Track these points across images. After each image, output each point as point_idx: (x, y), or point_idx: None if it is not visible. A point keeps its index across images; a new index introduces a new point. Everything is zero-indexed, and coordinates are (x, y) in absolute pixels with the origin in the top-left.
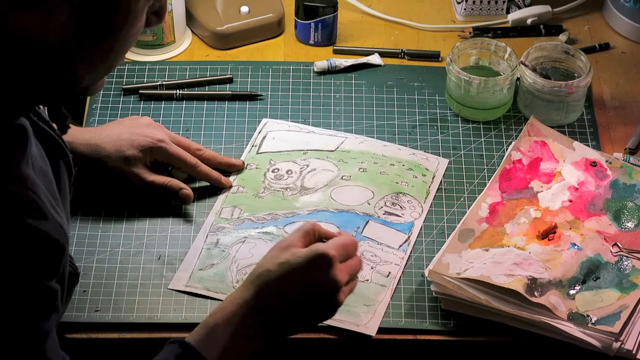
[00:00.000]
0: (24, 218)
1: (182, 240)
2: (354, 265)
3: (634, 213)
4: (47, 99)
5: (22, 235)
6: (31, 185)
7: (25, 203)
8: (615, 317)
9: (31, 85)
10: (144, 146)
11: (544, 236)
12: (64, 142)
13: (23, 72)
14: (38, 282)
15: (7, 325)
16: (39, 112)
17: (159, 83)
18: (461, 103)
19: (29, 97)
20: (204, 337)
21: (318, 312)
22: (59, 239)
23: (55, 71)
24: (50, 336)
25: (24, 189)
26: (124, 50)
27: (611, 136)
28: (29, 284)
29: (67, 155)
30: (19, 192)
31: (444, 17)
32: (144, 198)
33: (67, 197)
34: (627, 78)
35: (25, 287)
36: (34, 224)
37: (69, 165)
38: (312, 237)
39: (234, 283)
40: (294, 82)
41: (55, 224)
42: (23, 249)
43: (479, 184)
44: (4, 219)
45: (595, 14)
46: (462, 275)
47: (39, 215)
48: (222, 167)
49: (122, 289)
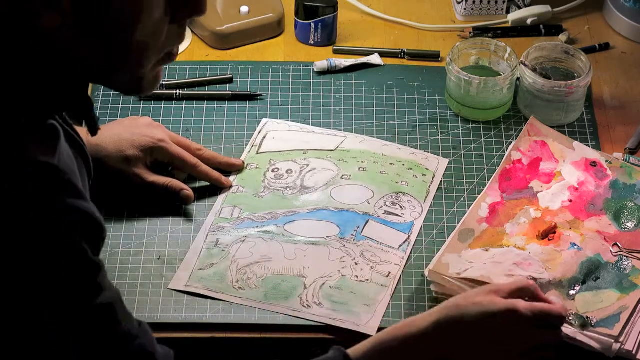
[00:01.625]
0: (63, 197)
1: (182, 240)
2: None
3: (634, 213)
4: (77, 100)
5: (64, 212)
6: (67, 171)
7: (61, 183)
8: (615, 318)
9: (61, 85)
10: (145, 146)
11: (544, 236)
12: (84, 144)
13: (50, 73)
14: (84, 257)
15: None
16: (63, 115)
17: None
18: (461, 103)
19: (59, 98)
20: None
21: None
22: (98, 219)
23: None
24: (116, 307)
25: (58, 171)
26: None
27: (611, 136)
28: (76, 259)
29: (87, 157)
30: (54, 174)
31: (444, 17)
32: (144, 198)
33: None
34: (627, 78)
35: (73, 262)
36: (73, 202)
37: (89, 167)
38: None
39: (234, 283)
40: (294, 82)
41: (94, 207)
42: (66, 227)
43: (479, 184)
44: (42, 199)
45: (595, 14)
46: (462, 275)
47: (79, 195)
48: (222, 167)
49: (122, 289)
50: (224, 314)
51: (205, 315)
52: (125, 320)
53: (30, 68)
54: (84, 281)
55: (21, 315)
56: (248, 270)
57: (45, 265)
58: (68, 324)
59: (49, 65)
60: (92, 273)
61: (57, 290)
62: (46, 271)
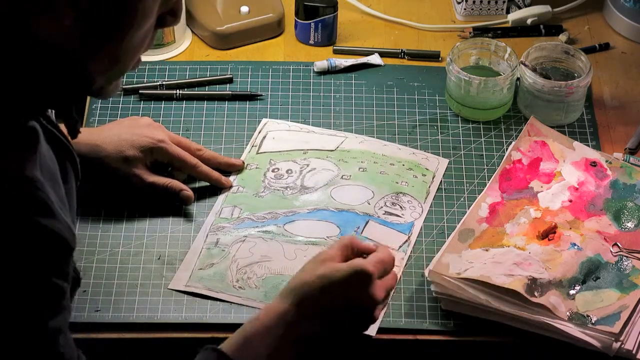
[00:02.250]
0: (34, 216)
1: (182, 240)
2: (390, 282)
3: (634, 213)
4: (58, 102)
5: (32, 233)
6: (40, 185)
7: (34, 202)
8: (615, 317)
9: (42, 87)
10: (144, 146)
11: (544, 236)
12: (71, 145)
13: (34, 75)
14: (47, 278)
15: (19, 323)
16: (47, 115)
17: (159, 83)
18: (461, 103)
19: (40, 100)
20: (240, 346)
21: (353, 327)
22: (67, 238)
23: (66, 74)
24: (63, 333)
25: (34, 188)
26: (134, 51)
27: (611, 136)
28: (38, 280)
29: (74, 159)
30: (28, 192)
31: (444, 17)
32: (144, 198)
33: (74, 199)
34: (627, 78)
35: (34, 283)
36: (44, 222)
37: (76, 168)
38: (350, 250)
39: (234, 282)
40: (294, 82)
41: (64, 223)
42: (32, 247)
43: (479, 184)
44: (13, 217)
45: (595, 14)
46: (462, 275)
47: (49, 213)
48: (222, 167)
49: (122, 289)
50: (224, 314)
51: (205, 315)
52: (67, 348)
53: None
54: (40, 302)
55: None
56: (248, 270)
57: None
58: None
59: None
60: (51, 295)
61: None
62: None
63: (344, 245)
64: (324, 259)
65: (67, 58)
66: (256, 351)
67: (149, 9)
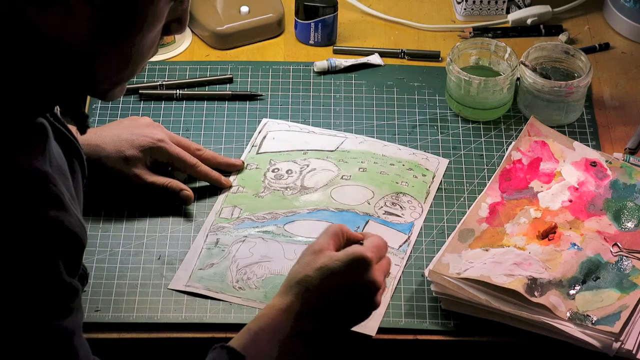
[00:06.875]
0: (47, 210)
1: (182, 240)
2: (386, 266)
3: (634, 213)
4: (67, 99)
5: (45, 226)
6: (52, 179)
7: (47, 195)
8: (615, 317)
9: (51, 85)
10: (144, 146)
11: (544, 236)
12: (78, 143)
13: (43, 72)
14: (60, 276)
15: (30, 322)
16: (55, 112)
17: (158, 83)
18: (461, 103)
19: (48, 97)
20: (248, 342)
21: (357, 314)
22: (79, 234)
23: (75, 72)
24: (77, 335)
25: (46, 182)
26: (143, 54)
27: (611, 136)
28: (51, 278)
29: (81, 156)
30: (41, 185)
31: (444, 17)
32: (144, 198)
33: (81, 196)
34: (627, 78)
35: (48, 281)
36: (57, 216)
37: (82, 165)
38: (341, 238)
39: (234, 282)
40: (294, 82)
41: (76, 218)
42: (46, 241)
43: (479, 184)
44: (26, 210)
45: (595, 14)
46: (462, 275)
47: (62, 207)
48: (222, 167)
49: (122, 289)
50: (224, 314)
51: (205, 315)
52: (82, 348)
53: (22, 64)
54: (53, 301)
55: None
56: (248, 270)
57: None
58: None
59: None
60: (63, 295)
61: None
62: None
63: (334, 233)
64: (318, 249)
65: (75, 58)
66: (265, 347)
67: (161, 12)
